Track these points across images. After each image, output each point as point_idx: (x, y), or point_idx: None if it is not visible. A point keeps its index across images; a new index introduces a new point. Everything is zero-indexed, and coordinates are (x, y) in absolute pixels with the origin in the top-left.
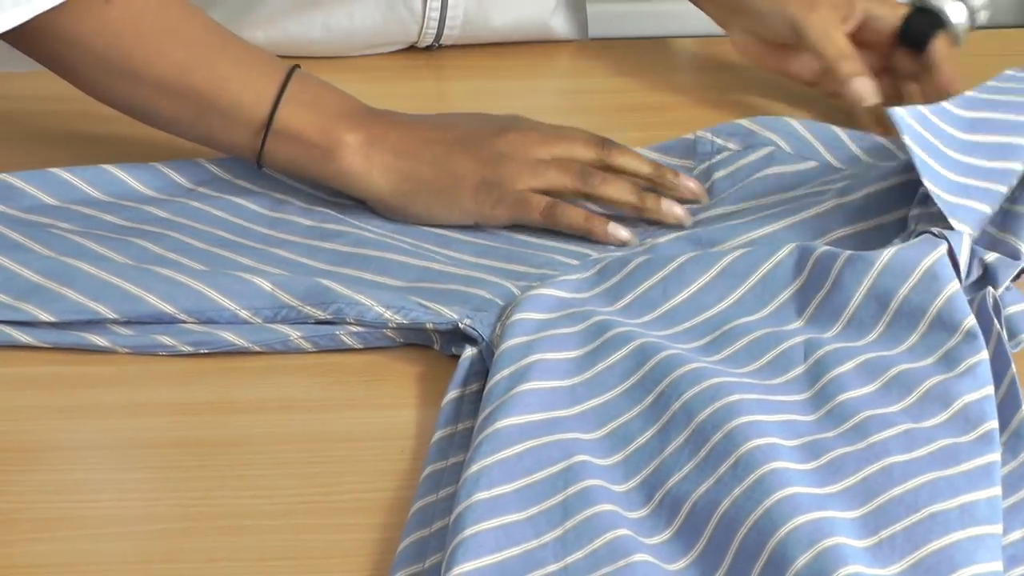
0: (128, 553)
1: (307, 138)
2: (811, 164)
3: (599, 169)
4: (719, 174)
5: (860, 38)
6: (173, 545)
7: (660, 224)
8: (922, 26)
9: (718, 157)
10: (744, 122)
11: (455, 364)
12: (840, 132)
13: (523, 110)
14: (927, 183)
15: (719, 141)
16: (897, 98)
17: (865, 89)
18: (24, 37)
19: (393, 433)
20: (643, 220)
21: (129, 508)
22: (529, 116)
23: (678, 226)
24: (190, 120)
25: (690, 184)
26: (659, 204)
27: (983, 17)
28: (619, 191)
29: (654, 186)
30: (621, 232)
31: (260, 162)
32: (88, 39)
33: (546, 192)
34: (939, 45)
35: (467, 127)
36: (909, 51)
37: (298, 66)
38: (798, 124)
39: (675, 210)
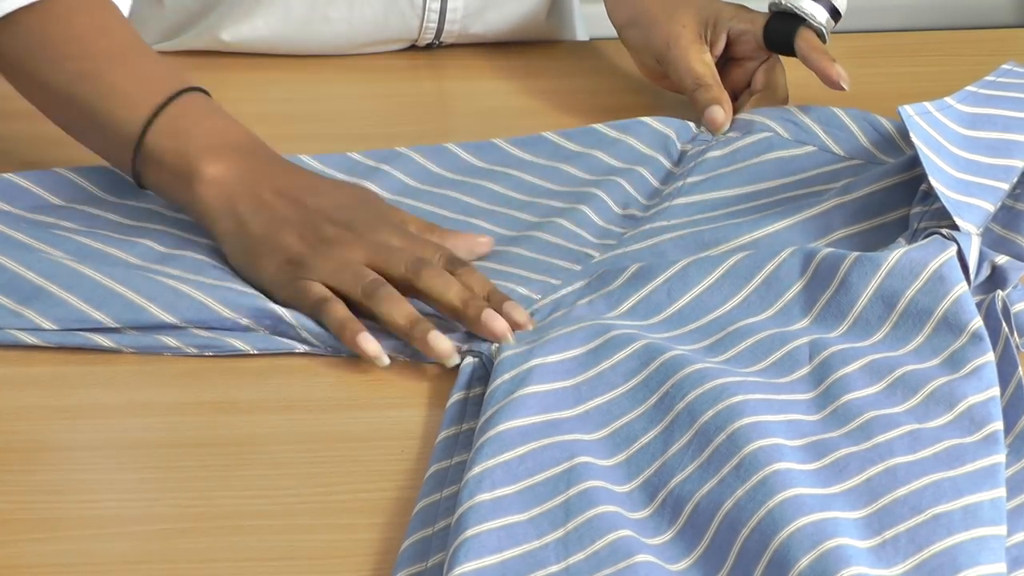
0: (128, 553)
1: (168, 164)
2: (809, 148)
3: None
4: (714, 153)
5: (735, 53)
6: (173, 545)
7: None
8: (781, 30)
9: (713, 141)
10: (741, 116)
11: (457, 365)
12: (838, 111)
13: (523, 111)
14: (933, 182)
15: (720, 137)
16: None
17: (717, 118)
18: None
19: (393, 433)
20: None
21: (129, 508)
22: (528, 117)
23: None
24: (80, 130)
25: (514, 315)
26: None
27: (843, 3)
28: (392, 314)
29: (457, 317)
30: (441, 344)
31: (140, 183)
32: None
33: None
34: (803, 41)
35: (315, 203)
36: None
37: (199, 89)
38: (794, 108)
39: (495, 325)
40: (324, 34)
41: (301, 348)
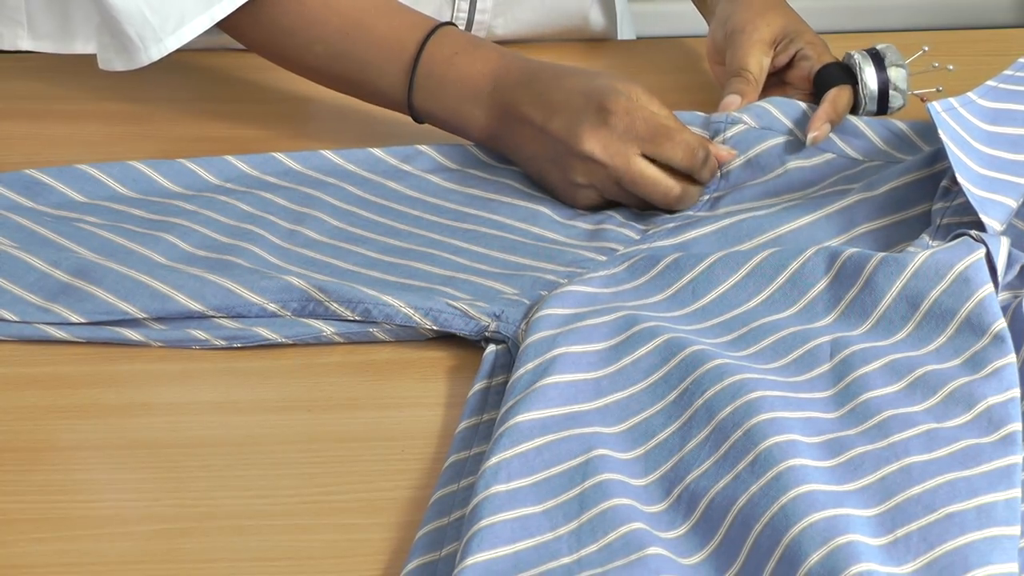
0: (128, 553)
1: (444, 121)
2: (828, 156)
3: None
4: (735, 163)
5: (790, 75)
6: (173, 545)
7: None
8: (830, 77)
9: (731, 131)
10: (760, 103)
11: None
12: (852, 119)
13: None
14: (960, 179)
15: (734, 113)
16: None
17: (731, 103)
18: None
19: (393, 433)
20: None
21: (129, 508)
22: None
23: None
24: (354, 94)
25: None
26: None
27: (899, 101)
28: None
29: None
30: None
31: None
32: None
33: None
34: (832, 95)
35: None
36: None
37: (436, 29)
38: (810, 107)
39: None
40: None
41: (328, 330)
